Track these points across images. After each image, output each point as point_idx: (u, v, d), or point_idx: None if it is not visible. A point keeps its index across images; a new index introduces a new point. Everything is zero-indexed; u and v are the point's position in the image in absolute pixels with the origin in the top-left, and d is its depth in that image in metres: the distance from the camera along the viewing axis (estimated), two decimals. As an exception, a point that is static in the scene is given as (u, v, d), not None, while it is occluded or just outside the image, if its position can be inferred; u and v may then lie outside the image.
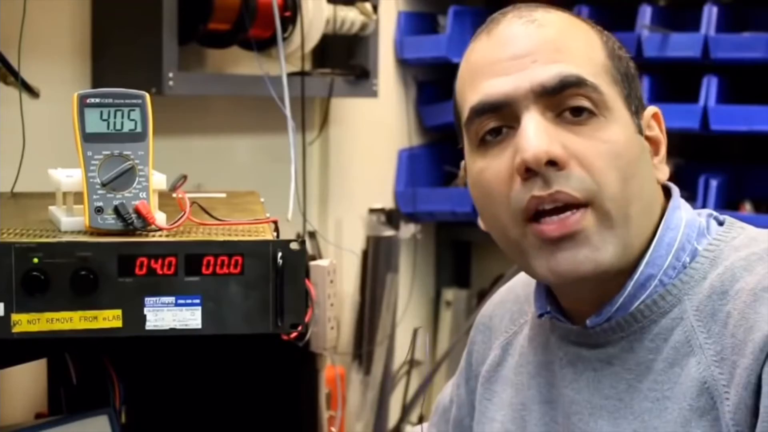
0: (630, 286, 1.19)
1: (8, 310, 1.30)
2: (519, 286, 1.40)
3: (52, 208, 1.50)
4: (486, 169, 1.19)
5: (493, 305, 1.43)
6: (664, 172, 1.24)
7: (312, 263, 1.86)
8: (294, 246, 1.36)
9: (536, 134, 1.15)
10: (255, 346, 1.65)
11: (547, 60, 1.17)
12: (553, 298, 1.27)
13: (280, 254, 1.36)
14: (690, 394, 1.14)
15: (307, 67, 2.69)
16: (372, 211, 3.08)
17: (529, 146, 1.15)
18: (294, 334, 1.40)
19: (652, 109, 1.24)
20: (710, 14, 2.92)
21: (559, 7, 1.25)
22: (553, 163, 1.15)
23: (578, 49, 1.19)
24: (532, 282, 1.29)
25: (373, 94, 2.87)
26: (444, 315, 3.40)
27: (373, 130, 3.15)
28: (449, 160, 3.32)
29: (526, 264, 1.20)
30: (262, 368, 1.79)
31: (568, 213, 1.15)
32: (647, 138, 1.23)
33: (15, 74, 1.93)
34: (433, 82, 3.39)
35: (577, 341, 1.23)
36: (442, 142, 3.42)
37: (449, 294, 3.40)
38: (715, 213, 1.26)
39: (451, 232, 3.40)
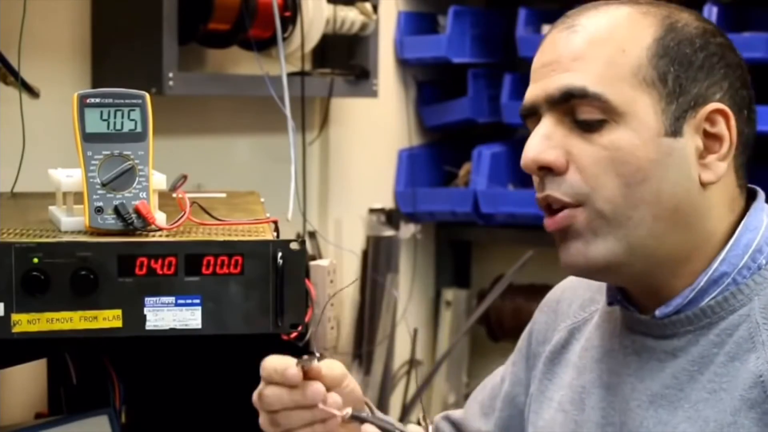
0: (703, 281, 1.22)
1: (8, 310, 1.30)
2: None
3: (52, 208, 1.50)
4: None
5: (562, 290, 1.47)
6: (715, 172, 1.22)
7: (312, 263, 1.86)
8: (294, 246, 1.36)
9: (534, 141, 1.22)
10: (255, 346, 1.65)
11: (562, 69, 1.22)
12: (622, 288, 1.31)
13: (280, 254, 1.36)
14: (743, 386, 1.17)
15: (307, 67, 2.69)
16: (372, 211, 3.08)
17: (525, 152, 1.22)
18: (294, 334, 1.40)
19: (712, 106, 1.22)
20: (710, 14, 2.92)
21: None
22: (550, 168, 1.21)
23: (601, 55, 1.21)
24: None
25: (373, 94, 2.87)
26: (444, 315, 3.40)
27: (373, 130, 3.15)
28: (449, 160, 3.32)
29: None
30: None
31: (562, 211, 1.21)
32: (708, 134, 1.22)
33: (15, 74, 1.93)
34: (433, 82, 3.39)
35: (644, 331, 1.26)
36: (442, 142, 3.42)
37: (449, 294, 3.40)
38: None
39: (451, 232, 3.40)
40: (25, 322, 1.31)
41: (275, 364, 1.23)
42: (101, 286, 1.32)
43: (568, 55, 1.22)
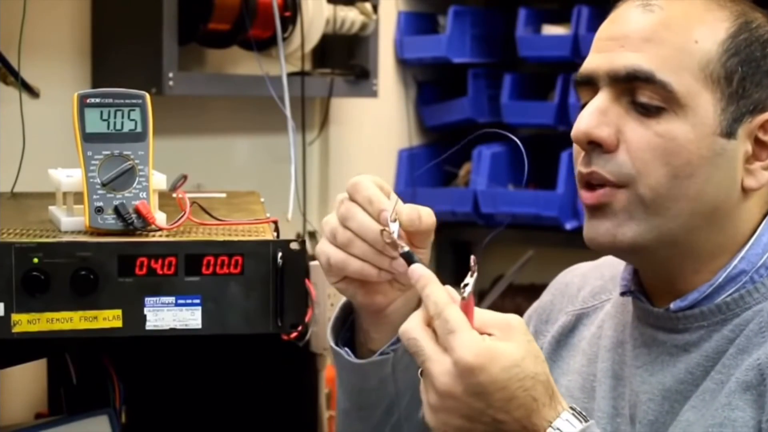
0: (721, 277, 1.22)
1: (8, 310, 1.30)
2: (606, 266, 1.44)
3: (52, 208, 1.50)
4: None
5: (573, 275, 1.47)
6: (758, 179, 1.22)
7: (312, 263, 1.86)
8: (294, 246, 1.36)
9: (589, 114, 1.20)
10: (255, 347, 1.65)
11: (632, 48, 1.20)
12: (637, 279, 1.30)
13: (280, 254, 1.35)
14: (741, 370, 1.18)
15: (307, 67, 2.69)
16: (372, 211, 3.07)
17: (578, 124, 1.21)
18: (294, 334, 1.40)
19: None
20: None
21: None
22: (599, 144, 1.20)
23: (673, 41, 1.20)
24: (620, 264, 1.33)
25: (373, 94, 2.87)
26: (444, 315, 3.39)
27: (373, 130, 3.15)
28: (449, 160, 3.32)
29: None
30: (263, 368, 1.79)
31: (603, 188, 1.21)
32: (758, 141, 1.22)
33: (15, 74, 1.93)
34: (433, 82, 3.39)
35: (655, 324, 1.26)
36: (442, 142, 3.42)
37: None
38: None
39: (451, 232, 3.40)
40: (25, 322, 1.31)
41: (371, 193, 1.18)
42: (101, 286, 1.32)
43: (640, 33, 1.20)
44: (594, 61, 1.23)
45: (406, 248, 1.15)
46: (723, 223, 1.22)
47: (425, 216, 1.19)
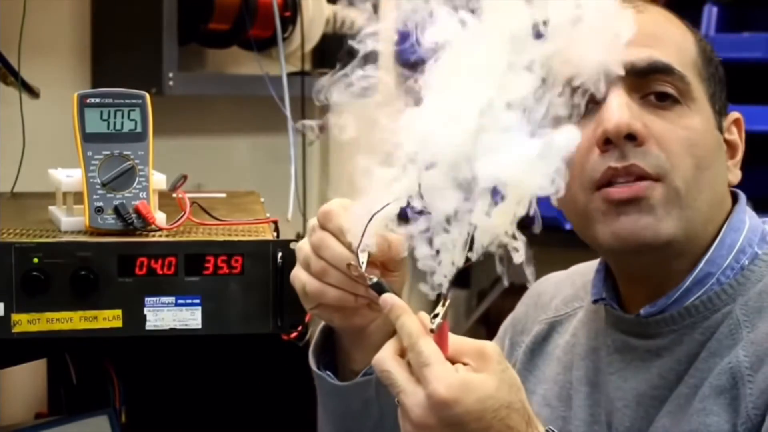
0: (688, 281, 1.22)
1: (8, 310, 1.30)
2: (577, 274, 1.44)
3: (52, 208, 1.50)
4: None
5: (546, 284, 1.48)
6: (736, 175, 1.27)
7: (312, 263, 1.86)
8: (294, 246, 1.36)
9: (620, 108, 1.19)
10: (255, 347, 1.65)
11: (639, 43, 1.19)
12: (609, 286, 1.30)
13: (280, 254, 1.36)
14: (714, 375, 1.17)
15: (307, 67, 2.69)
16: (372, 211, 3.07)
17: (612, 117, 1.18)
18: (294, 334, 1.40)
19: (734, 115, 1.29)
20: (710, 14, 2.92)
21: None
22: (632, 137, 1.18)
23: (671, 39, 1.23)
24: (591, 271, 1.33)
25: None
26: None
27: (373, 130, 3.15)
28: None
29: (591, 232, 1.23)
30: (262, 368, 1.79)
31: (642, 181, 1.19)
32: (726, 141, 1.26)
33: (15, 74, 1.93)
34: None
35: (628, 330, 1.26)
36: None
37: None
38: None
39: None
40: (25, 322, 1.31)
41: (342, 221, 1.16)
42: (101, 286, 1.32)
43: (644, 31, 1.18)
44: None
45: (375, 279, 1.14)
46: (719, 218, 1.24)
47: (395, 244, 1.17)
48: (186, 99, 2.44)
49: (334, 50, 2.87)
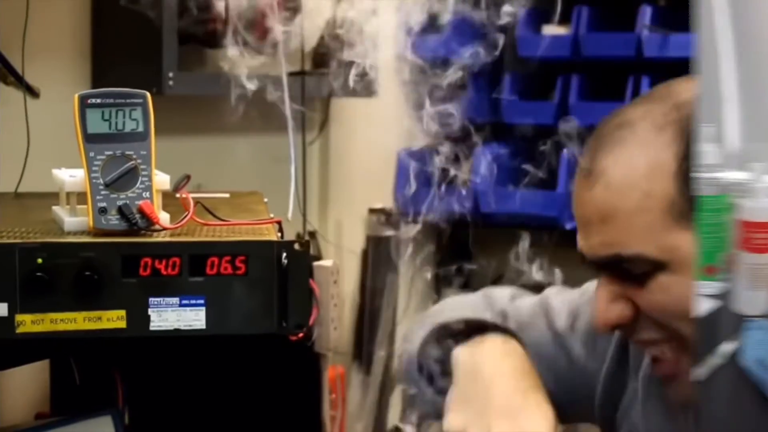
0: None
1: (12, 311, 1.30)
2: None
3: (55, 208, 1.50)
4: None
5: None
6: None
7: (315, 264, 1.86)
8: (298, 246, 1.36)
9: (599, 304, 1.19)
10: (259, 347, 1.65)
11: (595, 232, 1.16)
12: None
13: (284, 255, 1.35)
14: None
15: (307, 67, 2.69)
16: (372, 211, 3.08)
17: (596, 315, 1.21)
18: (300, 335, 1.40)
19: None
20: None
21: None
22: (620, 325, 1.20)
23: (627, 207, 1.13)
24: None
25: (373, 93, 2.86)
26: (444, 315, 3.39)
27: (373, 130, 3.15)
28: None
29: None
30: (266, 369, 1.79)
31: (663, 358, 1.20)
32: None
33: (15, 74, 1.93)
34: (432, 82, 3.38)
35: None
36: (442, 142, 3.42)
37: (449, 294, 3.40)
38: None
39: (451, 232, 3.40)
40: (29, 323, 1.31)
41: None
42: (105, 286, 1.32)
43: (596, 215, 1.15)
44: (582, 244, 1.19)
45: None
46: None
47: None
48: (186, 99, 2.44)
49: (334, 50, 2.87)
